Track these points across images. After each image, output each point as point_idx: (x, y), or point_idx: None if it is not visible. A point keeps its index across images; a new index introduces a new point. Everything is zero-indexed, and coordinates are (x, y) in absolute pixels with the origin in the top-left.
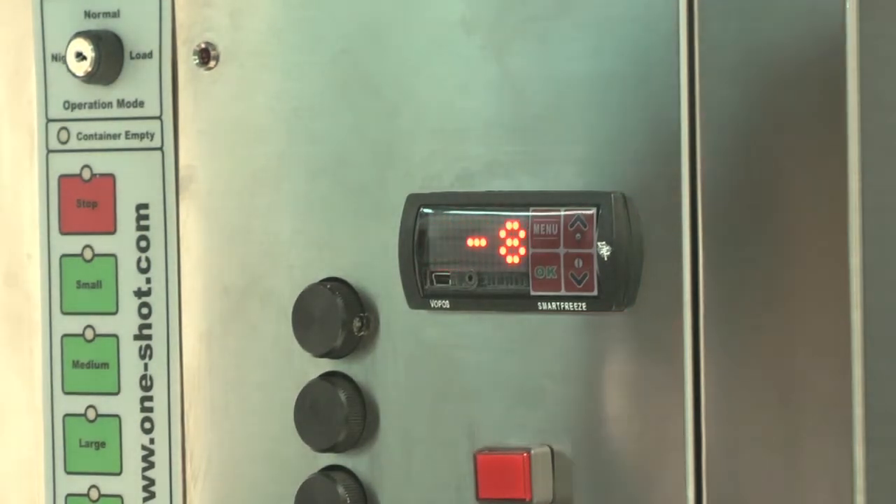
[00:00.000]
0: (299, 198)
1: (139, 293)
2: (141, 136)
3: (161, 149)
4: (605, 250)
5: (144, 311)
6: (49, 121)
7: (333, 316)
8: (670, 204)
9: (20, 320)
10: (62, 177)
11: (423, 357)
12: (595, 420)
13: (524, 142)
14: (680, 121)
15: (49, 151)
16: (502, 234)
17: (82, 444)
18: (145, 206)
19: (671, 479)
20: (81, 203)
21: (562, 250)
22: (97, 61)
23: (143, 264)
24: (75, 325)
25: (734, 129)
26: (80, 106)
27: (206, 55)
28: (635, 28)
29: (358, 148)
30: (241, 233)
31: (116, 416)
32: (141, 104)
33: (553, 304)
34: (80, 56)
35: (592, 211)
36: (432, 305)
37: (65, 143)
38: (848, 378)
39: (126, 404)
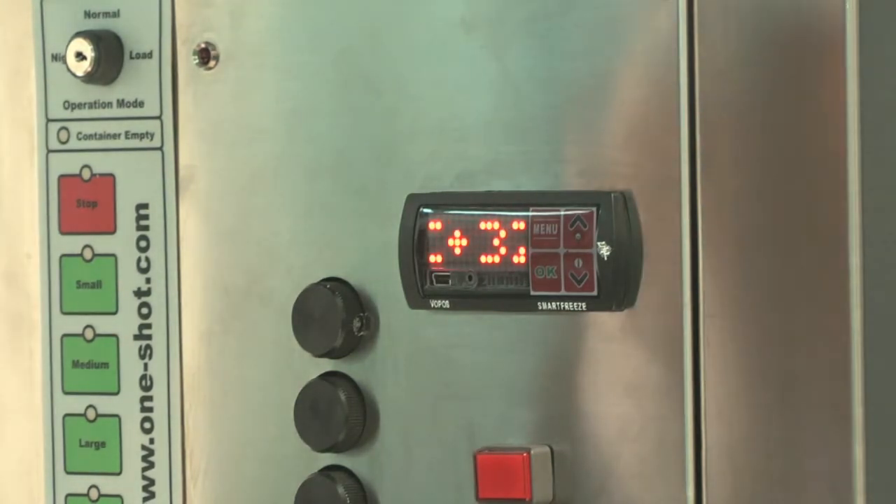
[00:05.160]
0: (299, 198)
1: (139, 293)
2: (141, 136)
3: (161, 149)
4: (605, 250)
5: (144, 311)
6: (49, 121)
7: (333, 316)
8: (670, 204)
9: (20, 320)
10: (62, 177)
11: (423, 357)
12: (595, 420)
13: (524, 142)
14: (680, 120)
15: (49, 151)
16: (502, 233)
17: (82, 444)
18: (145, 206)
19: (671, 479)
20: (81, 203)
21: (562, 250)
22: (97, 61)
23: (143, 264)
24: (75, 325)
25: (734, 129)
26: (80, 106)
27: (206, 55)
28: (635, 28)
29: (358, 148)
30: (240, 233)
31: (116, 415)
32: (141, 104)
33: (553, 303)
34: (80, 56)
35: (592, 211)
36: (432, 305)
37: (65, 143)
38: (848, 378)
39: (126, 404)
